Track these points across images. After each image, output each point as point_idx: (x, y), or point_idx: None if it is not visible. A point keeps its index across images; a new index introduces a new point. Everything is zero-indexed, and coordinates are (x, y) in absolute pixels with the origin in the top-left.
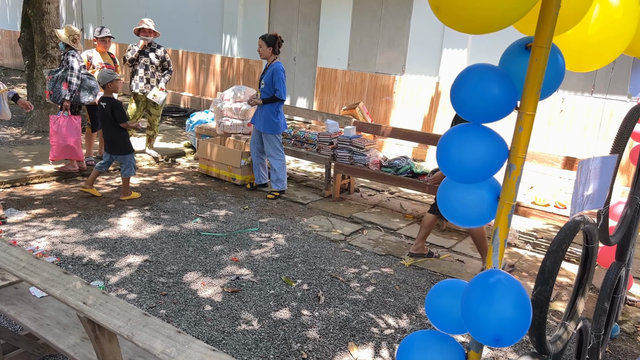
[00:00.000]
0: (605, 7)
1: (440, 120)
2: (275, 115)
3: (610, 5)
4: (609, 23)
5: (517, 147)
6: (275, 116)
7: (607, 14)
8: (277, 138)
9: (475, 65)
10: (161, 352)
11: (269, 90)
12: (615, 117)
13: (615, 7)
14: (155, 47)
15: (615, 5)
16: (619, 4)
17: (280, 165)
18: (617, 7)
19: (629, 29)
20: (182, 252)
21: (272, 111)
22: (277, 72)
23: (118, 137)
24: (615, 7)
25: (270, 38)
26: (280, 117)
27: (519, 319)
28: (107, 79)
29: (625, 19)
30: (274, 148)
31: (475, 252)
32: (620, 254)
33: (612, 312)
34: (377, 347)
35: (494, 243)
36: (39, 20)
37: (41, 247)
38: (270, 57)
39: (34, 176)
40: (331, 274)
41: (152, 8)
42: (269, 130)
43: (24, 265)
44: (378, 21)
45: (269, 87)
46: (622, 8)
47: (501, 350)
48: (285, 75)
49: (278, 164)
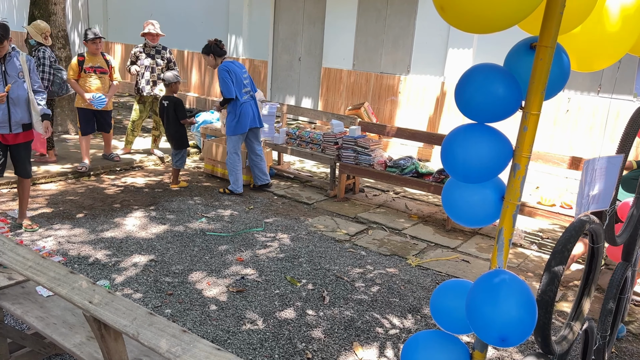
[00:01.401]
0: (610, 6)
1: (445, 120)
2: (230, 116)
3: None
4: (614, 22)
5: (522, 147)
6: (231, 117)
7: (612, 13)
8: (232, 140)
9: (479, 64)
10: (166, 351)
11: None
12: (621, 116)
13: (619, 7)
14: (160, 49)
15: (620, 5)
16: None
17: (229, 167)
18: (622, 6)
19: (634, 28)
20: (188, 251)
21: (229, 112)
22: (219, 73)
23: (178, 132)
24: (619, 7)
25: (205, 48)
26: (233, 119)
27: (524, 319)
28: (172, 80)
29: (629, 18)
30: (229, 149)
31: (480, 252)
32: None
33: (619, 312)
34: (382, 347)
35: (499, 243)
36: (46, 21)
37: (48, 247)
38: (218, 62)
39: (40, 176)
40: (336, 274)
41: (157, 9)
42: (227, 132)
43: (31, 265)
44: (383, 21)
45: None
46: (626, 7)
47: (506, 351)
48: (228, 73)
49: (227, 165)
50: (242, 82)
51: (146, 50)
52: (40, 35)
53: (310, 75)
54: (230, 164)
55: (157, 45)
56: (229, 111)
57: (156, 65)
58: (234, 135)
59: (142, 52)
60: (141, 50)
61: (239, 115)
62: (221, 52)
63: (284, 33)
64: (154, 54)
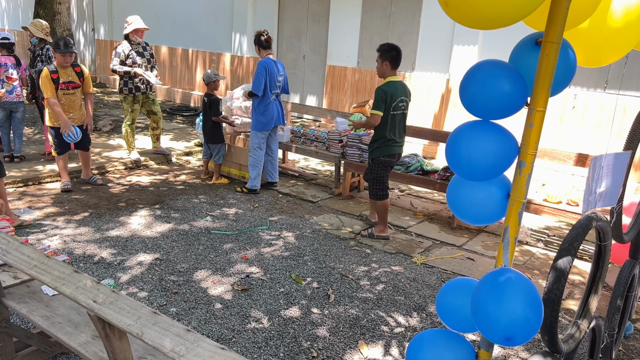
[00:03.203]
0: (616, 1)
1: (450, 117)
2: (255, 111)
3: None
4: (621, 17)
5: (528, 144)
6: (255, 112)
7: (618, 8)
8: (258, 136)
9: (484, 61)
10: (170, 350)
11: None
12: (628, 113)
13: (626, 1)
14: (145, 45)
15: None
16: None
17: (251, 162)
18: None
19: None
20: (193, 250)
21: (254, 107)
22: (257, 67)
23: (212, 128)
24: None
25: (255, 38)
26: (258, 115)
27: (530, 317)
28: (211, 79)
29: (636, 12)
30: (252, 144)
31: (486, 250)
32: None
33: (626, 310)
34: (387, 345)
35: (504, 241)
36: (51, 21)
37: (53, 246)
38: (262, 53)
39: (46, 175)
40: (341, 272)
41: (162, 7)
42: (253, 127)
43: (35, 264)
44: (388, 18)
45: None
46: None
47: (512, 349)
48: (265, 70)
49: (250, 160)
50: (275, 82)
51: (134, 48)
52: (42, 32)
53: (315, 73)
54: (253, 160)
55: (141, 42)
56: (256, 106)
57: (147, 63)
58: (260, 132)
59: (132, 50)
60: (130, 49)
61: (264, 112)
62: (266, 45)
63: (288, 31)
64: (141, 50)
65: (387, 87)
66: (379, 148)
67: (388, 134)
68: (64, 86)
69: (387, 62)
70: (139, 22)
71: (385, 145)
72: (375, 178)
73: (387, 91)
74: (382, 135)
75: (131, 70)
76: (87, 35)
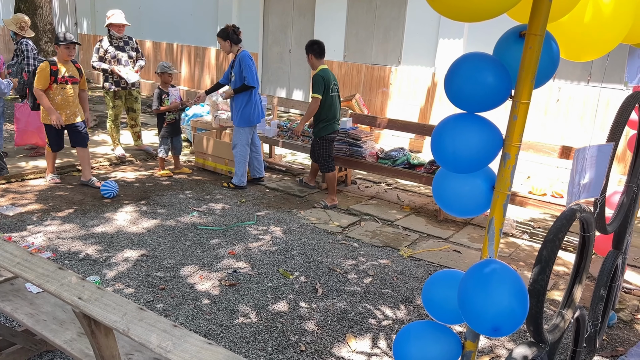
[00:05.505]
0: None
1: (436, 111)
2: (243, 106)
3: None
4: (605, 11)
5: (512, 136)
6: (244, 108)
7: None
8: (245, 131)
9: (469, 53)
10: (157, 346)
11: (239, 82)
12: (611, 105)
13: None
14: (127, 39)
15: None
16: None
17: (238, 159)
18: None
19: (625, 17)
20: (179, 246)
21: (240, 103)
22: (244, 60)
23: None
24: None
25: (223, 32)
26: (251, 108)
27: (516, 308)
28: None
29: (621, 7)
30: (240, 140)
31: (472, 242)
32: (617, 242)
33: (609, 300)
34: (375, 338)
35: (490, 233)
36: (32, 15)
37: (37, 243)
38: (234, 49)
39: (29, 172)
40: (329, 266)
41: (146, 1)
42: (241, 123)
43: (19, 261)
44: (373, 12)
45: (239, 77)
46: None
47: (499, 340)
48: (253, 62)
49: (237, 157)
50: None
51: (114, 43)
52: (15, 25)
53: (301, 67)
54: (239, 156)
55: (123, 36)
56: (245, 102)
57: (129, 58)
58: (247, 127)
59: (111, 45)
60: (109, 44)
61: (254, 106)
62: (238, 40)
63: (274, 25)
64: (122, 45)
65: (322, 73)
66: (325, 127)
67: (331, 113)
68: (63, 80)
69: (312, 55)
70: (117, 17)
71: (330, 123)
72: (325, 153)
73: (324, 76)
74: (325, 115)
75: (108, 68)
76: (69, 30)
